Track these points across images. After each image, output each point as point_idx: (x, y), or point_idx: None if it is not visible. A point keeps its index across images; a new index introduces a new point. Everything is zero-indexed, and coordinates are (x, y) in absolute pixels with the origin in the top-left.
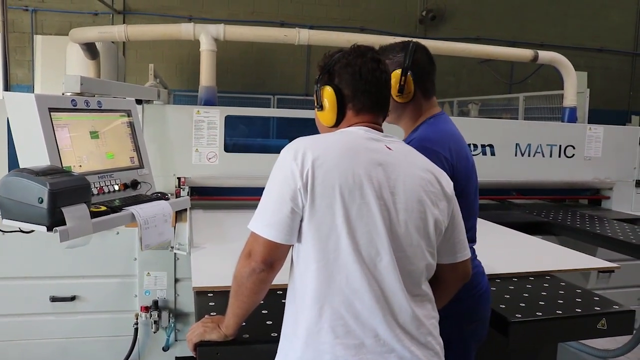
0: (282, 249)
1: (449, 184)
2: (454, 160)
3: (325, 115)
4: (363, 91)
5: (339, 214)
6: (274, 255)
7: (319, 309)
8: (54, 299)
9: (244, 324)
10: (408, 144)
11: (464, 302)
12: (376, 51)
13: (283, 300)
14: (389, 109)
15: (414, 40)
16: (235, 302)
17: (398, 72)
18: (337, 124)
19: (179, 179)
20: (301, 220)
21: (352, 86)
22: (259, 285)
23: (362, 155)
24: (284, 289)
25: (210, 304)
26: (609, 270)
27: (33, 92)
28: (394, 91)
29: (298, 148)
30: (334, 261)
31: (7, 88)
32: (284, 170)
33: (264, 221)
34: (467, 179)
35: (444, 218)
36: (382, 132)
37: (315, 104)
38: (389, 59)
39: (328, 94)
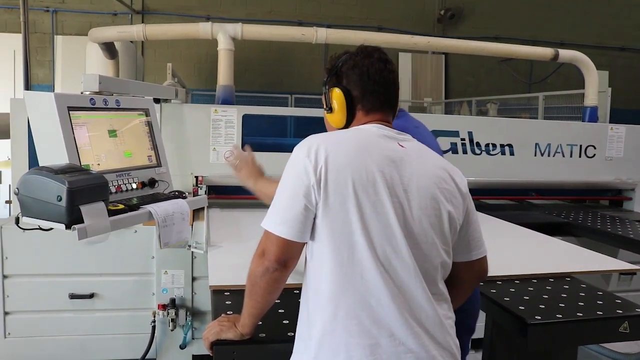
0: (296, 247)
1: (462, 181)
2: None
3: (335, 117)
4: (372, 92)
5: (352, 211)
6: (287, 254)
7: (333, 308)
8: (72, 296)
9: (260, 323)
10: None
11: None
12: (383, 51)
13: (299, 300)
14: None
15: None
16: (249, 301)
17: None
18: (347, 125)
19: (196, 177)
20: (315, 218)
21: (360, 87)
22: (273, 285)
23: (375, 152)
24: (300, 288)
25: (226, 302)
26: (631, 273)
27: (53, 92)
28: None
29: (311, 145)
30: (348, 259)
31: (28, 88)
32: (297, 168)
33: (277, 219)
34: None
35: (458, 215)
36: (394, 129)
37: (325, 107)
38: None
39: (337, 96)
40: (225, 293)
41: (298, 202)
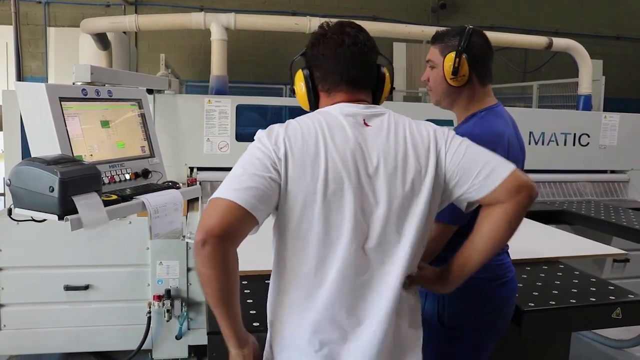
0: (242, 219)
1: (438, 140)
2: None
3: (301, 100)
4: (329, 71)
5: (317, 205)
6: (229, 222)
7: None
8: (68, 288)
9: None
10: None
11: (484, 289)
12: (344, 25)
13: None
14: (383, 84)
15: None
16: (212, 307)
17: (452, 54)
18: (314, 108)
19: (190, 168)
20: (277, 212)
21: (319, 67)
22: (209, 265)
23: (336, 136)
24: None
25: None
26: (624, 260)
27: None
28: (447, 74)
29: (271, 130)
30: (301, 250)
31: (20, 80)
32: (259, 148)
33: (231, 187)
34: None
35: (438, 184)
36: (362, 105)
37: (290, 90)
38: (443, 43)
39: (299, 78)
40: None
41: (258, 175)
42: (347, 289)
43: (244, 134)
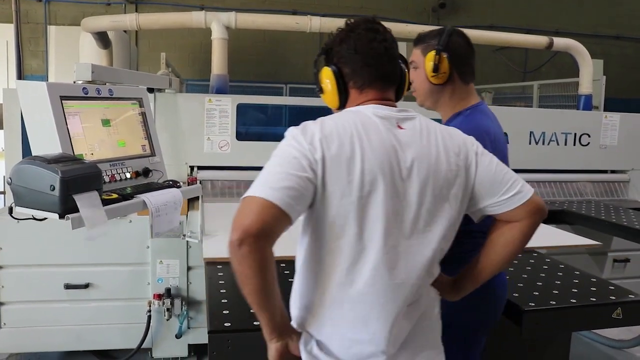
0: (279, 217)
1: (469, 151)
2: None
3: (328, 98)
4: (362, 66)
5: (350, 207)
6: (265, 222)
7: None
8: (68, 287)
9: (253, 310)
10: None
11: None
12: (373, 21)
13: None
14: (404, 82)
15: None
16: (248, 298)
17: (432, 53)
18: (343, 106)
19: (191, 167)
20: (310, 213)
21: (350, 63)
22: (245, 264)
23: (372, 137)
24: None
25: (219, 274)
26: (624, 260)
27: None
28: (429, 72)
29: (305, 129)
30: (334, 250)
31: (21, 78)
32: (294, 147)
33: (267, 185)
34: None
35: (466, 192)
36: (394, 107)
37: (317, 89)
38: (425, 43)
39: (327, 75)
40: (218, 266)
41: (294, 175)
42: (377, 289)
43: (245, 133)
